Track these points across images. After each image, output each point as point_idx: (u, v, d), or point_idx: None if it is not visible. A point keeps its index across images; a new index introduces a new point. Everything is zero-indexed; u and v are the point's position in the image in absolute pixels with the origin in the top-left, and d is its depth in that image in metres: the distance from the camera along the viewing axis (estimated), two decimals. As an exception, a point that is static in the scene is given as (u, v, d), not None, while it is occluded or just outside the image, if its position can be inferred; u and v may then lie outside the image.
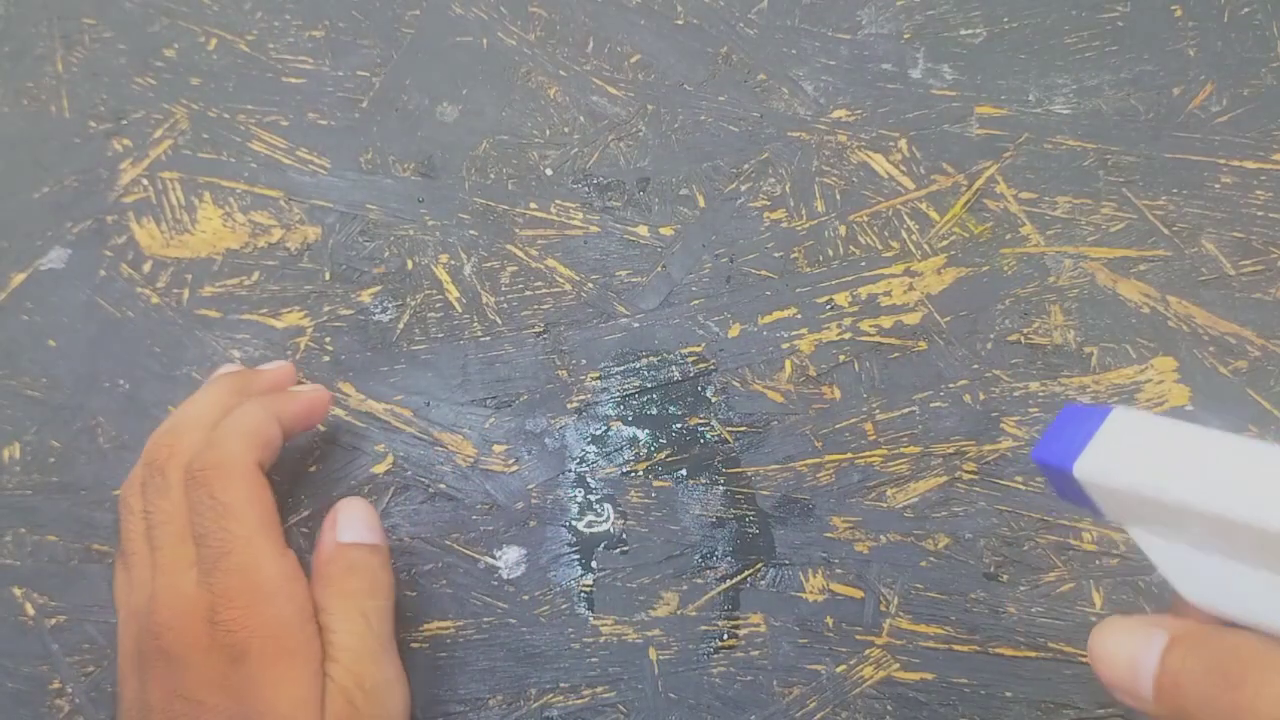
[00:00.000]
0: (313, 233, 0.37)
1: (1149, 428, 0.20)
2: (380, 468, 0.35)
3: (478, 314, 0.36)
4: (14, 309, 0.37)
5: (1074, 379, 0.34)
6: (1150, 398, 0.34)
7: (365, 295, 0.36)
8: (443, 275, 0.36)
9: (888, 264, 0.36)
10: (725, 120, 0.37)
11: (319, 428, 0.35)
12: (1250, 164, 0.36)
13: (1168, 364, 0.34)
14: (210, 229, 0.37)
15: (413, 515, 0.34)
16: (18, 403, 0.36)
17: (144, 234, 0.37)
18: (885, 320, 0.35)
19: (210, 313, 0.36)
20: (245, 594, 0.27)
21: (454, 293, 0.36)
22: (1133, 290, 0.35)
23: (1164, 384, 0.34)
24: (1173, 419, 0.20)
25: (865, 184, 0.36)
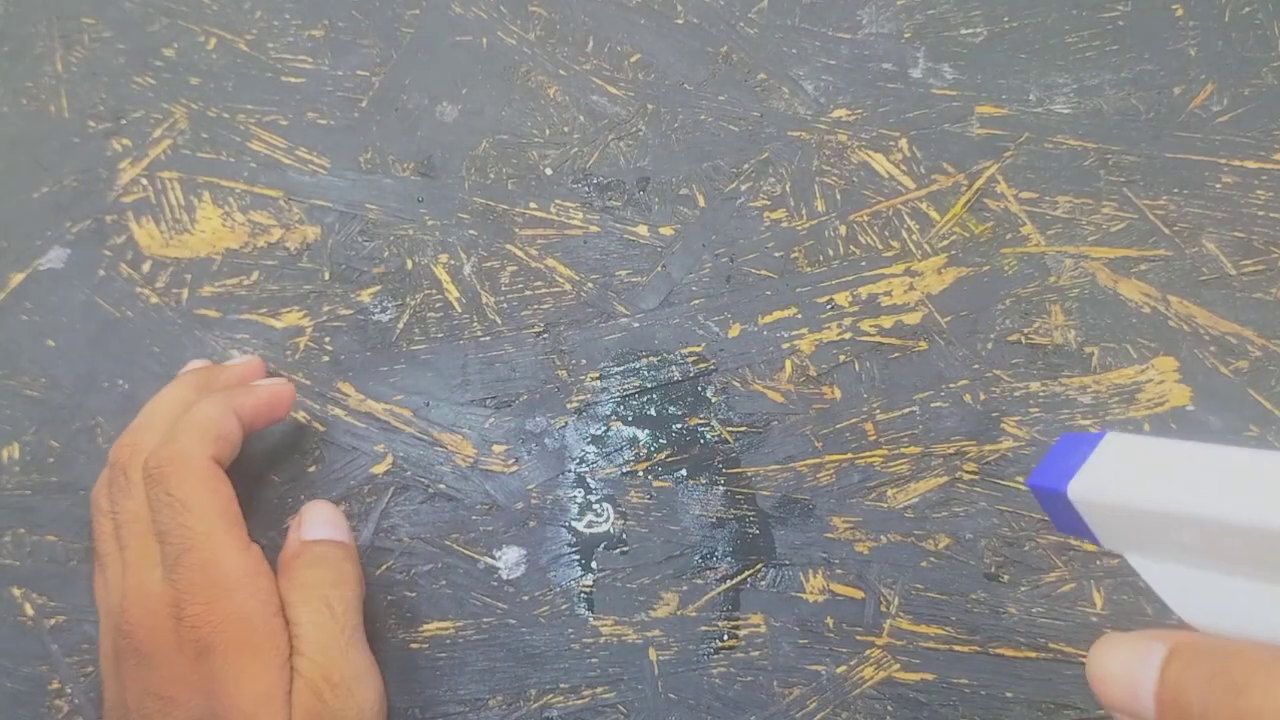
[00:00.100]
0: (312, 232, 0.37)
1: (1143, 447, 0.20)
2: (380, 468, 0.35)
3: (477, 314, 0.36)
4: (13, 309, 0.37)
5: (1075, 379, 0.34)
6: (1151, 398, 0.34)
7: (365, 295, 0.36)
8: (442, 275, 0.36)
9: (888, 264, 0.36)
10: (725, 120, 0.37)
11: (318, 427, 0.35)
12: (1251, 164, 0.35)
13: (1169, 364, 0.34)
14: (209, 229, 0.37)
15: (412, 515, 0.34)
16: (17, 403, 0.36)
17: (143, 234, 0.37)
18: (886, 320, 0.35)
19: (209, 312, 0.36)
20: (207, 589, 0.27)
21: (454, 292, 0.36)
22: (1133, 290, 0.35)
23: (1165, 384, 0.34)
24: (1166, 438, 0.20)
25: (866, 184, 0.36)
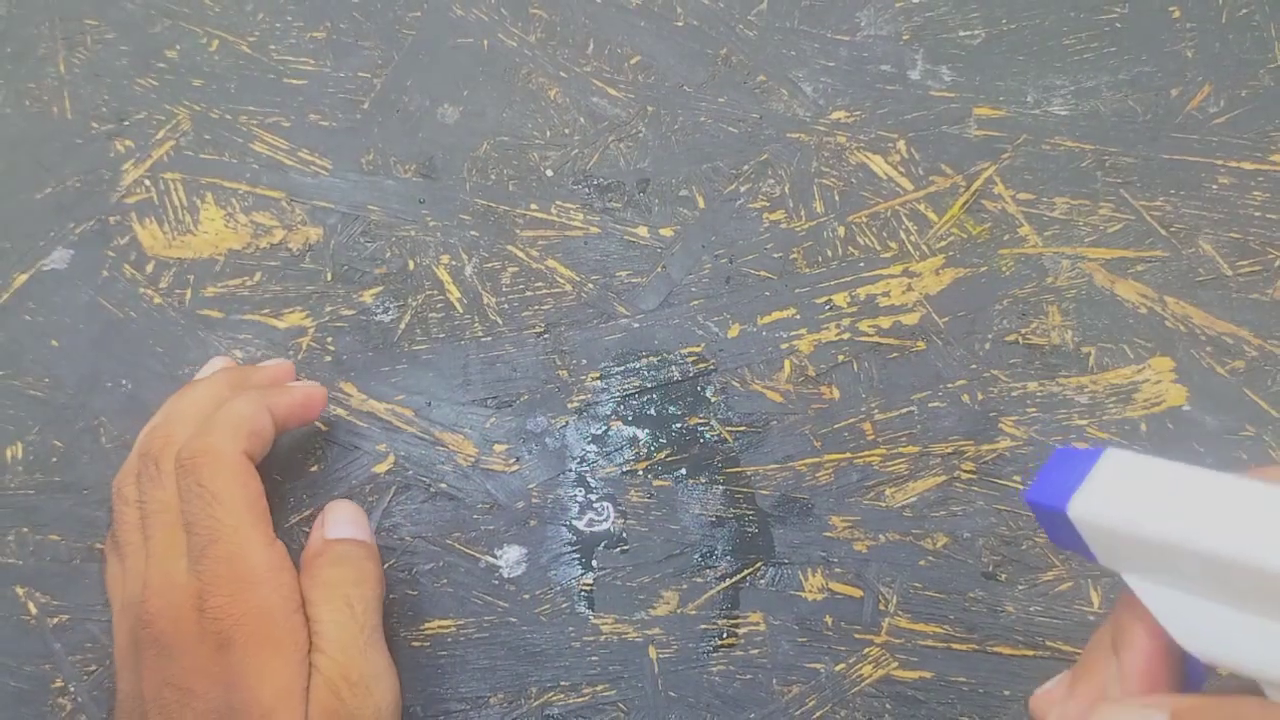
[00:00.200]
0: (314, 233, 0.37)
1: (1142, 468, 0.20)
2: (381, 467, 0.35)
3: (479, 314, 0.36)
4: (17, 309, 0.37)
5: (1072, 379, 0.34)
6: (1147, 397, 0.34)
7: (367, 295, 0.36)
8: (444, 276, 0.37)
9: (886, 265, 0.36)
10: (725, 121, 0.38)
11: (320, 426, 0.35)
12: (1248, 165, 0.36)
13: (1165, 364, 0.34)
14: (212, 230, 0.37)
15: (414, 515, 0.34)
16: (20, 402, 0.36)
17: (146, 235, 0.37)
18: (884, 320, 0.35)
19: (212, 313, 0.36)
20: (231, 582, 0.27)
21: (455, 293, 0.36)
22: (1130, 291, 0.35)
23: (1161, 384, 0.34)
24: (1165, 459, 0.20)
25: (864, 185, 0.37)
